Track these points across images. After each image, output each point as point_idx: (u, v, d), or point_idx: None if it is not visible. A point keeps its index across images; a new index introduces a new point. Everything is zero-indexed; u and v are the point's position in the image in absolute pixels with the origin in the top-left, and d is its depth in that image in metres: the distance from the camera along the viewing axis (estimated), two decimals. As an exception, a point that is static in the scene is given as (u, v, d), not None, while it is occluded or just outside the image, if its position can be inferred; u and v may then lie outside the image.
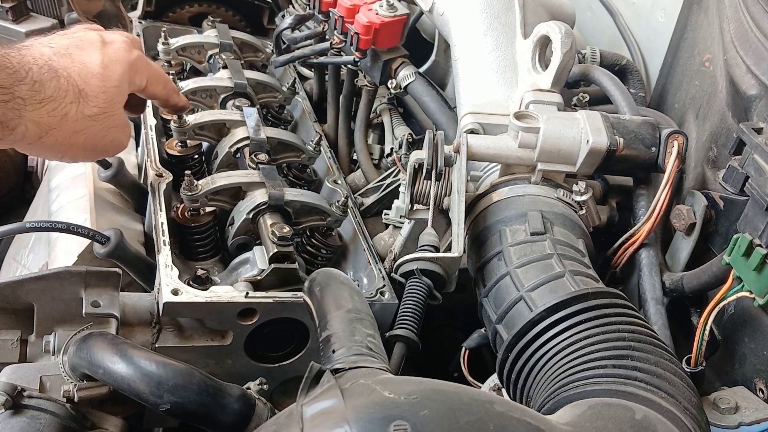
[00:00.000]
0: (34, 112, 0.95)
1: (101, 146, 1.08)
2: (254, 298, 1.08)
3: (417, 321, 1.01)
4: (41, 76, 0.96)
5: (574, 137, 1.10)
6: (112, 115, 1.07)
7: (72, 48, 1.04)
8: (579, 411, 0.75)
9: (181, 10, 1.99)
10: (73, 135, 1.01)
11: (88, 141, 1.04)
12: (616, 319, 0.87)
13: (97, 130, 1.05)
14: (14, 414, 0.88)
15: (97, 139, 1.06)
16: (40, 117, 0.96)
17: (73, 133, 1.01)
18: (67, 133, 1.00)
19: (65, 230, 1.13)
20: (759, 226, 0.98)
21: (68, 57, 1.02)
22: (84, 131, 1.02)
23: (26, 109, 0.94)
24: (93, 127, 1.03)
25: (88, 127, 1.03)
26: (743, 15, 1.13)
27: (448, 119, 1.41)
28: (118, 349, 0.92)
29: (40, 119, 0.96)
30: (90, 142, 1.05)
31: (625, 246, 1.14)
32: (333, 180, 1.49)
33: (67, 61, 1.01)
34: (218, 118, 1.43)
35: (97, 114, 1.03)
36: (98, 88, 1.03)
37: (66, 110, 0.99)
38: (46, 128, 0.97)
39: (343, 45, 1.54)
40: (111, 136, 1.09)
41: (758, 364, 1.01)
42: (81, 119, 1.01)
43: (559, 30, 1.17)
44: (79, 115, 1.01)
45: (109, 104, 1.05)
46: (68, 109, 0.99)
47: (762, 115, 1.05)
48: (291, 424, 0.66)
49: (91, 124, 1.03)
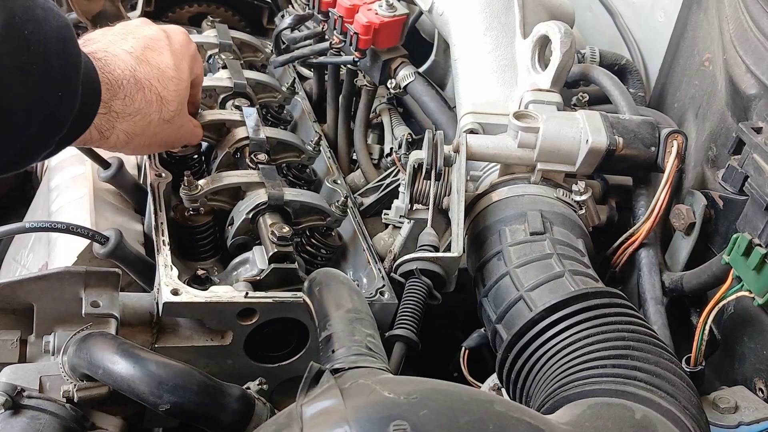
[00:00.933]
0: (125, 123, 1.05)
1: (173, 141, 1.21)
2: (254, 298, 1.08)
3: (417, 321, 1.01)
4: (130, 90, 1.05)
5: (573, 137, 1.10)
6: (182, 114, 1.18)
7: (147, 51, 1.12)
8: (579, 411, 0.75)
9: (181, 10, 1.99)
10: (154, 137, 1.13)
11: (164, 140, 1.17)
12: (615, 319, 0.87)
13: (172, 130, 1.16)
14: (14, 414, 0.88)
15: (171, 137, 1.19)
16: (129, 127, 1.07)
17: (153, 136, 1.13)
18: (149, 137, 1.12)
19: (65, 230, 1.13)
20: (758, 226, 0.98)
21: (147, 63, 1.10)
22: (161, 133, 1.14)
23: (118, 120, 1.04)
24: (169, 128, 1.15)
25: (164, 129, 1.14)
26: (743, 15, 1.13)
27: (448, 119, 1.41)
28: (118, 349, 0.92)
29: (129, 129, 1.07)
30: (164, 140, 1.17)
31: (625, 246, 1.14)
32: (332, 180, 1.49)
33: (147, 69, 1.09)
34: (218, 118, 1.43)
35: (172, 117, 1.14)
36: (174, 92, 1.13)
37: (150, 119, 1.09)
38: (132, 135, 1.08)
39: (343, 45, 1.54)
40: (180, 133, 1.21)
41: (758, 364, 1.01)
42: (160, 124, 1.12)
43: (558, 30, 1.17)
44: (160, 121, 1.12)
45: (181, 105, 1.16)
46: (152, 118, 1.10)
47: (761, 115, 1.05)
48: (290, 424, 0.66)
49: (167, 126, 1.14)
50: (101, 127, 1.02)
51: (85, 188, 1.37)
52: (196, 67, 1.24)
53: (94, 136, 1.02)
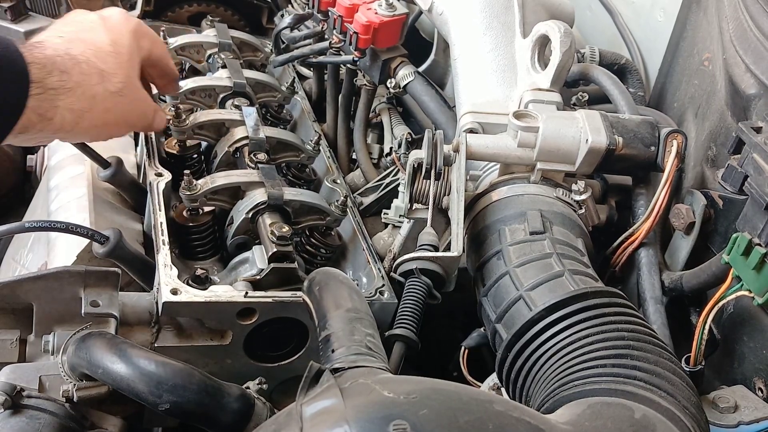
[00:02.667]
0: (67, 99, 1.00)
1: (132, 119, 1.15)
2: (253, 298, 1.08)
3: (416, 320, 1.01)
4: (65, 65, 1.01)
5: (573, 136, 1.10)
6: (133, 88, 1.13)
7: (80, 33, 1.09)
8: (578, 410, 0.75)
9: (180, 10, 1.99)
10: (105, 114, 1.07)
11: (119, 116, 1.11)
12: (615, 319, 0.87)
13: (125, 104, 1.11)
14: (13, 414, 0.88)
15: (126, 113, 1.12)
16: (72, 103, 1.01)
17: (104, 112, 1.07)
18: (100, 113, 1.06)
19: (64, 230, 1.13)
20: (758, 225, 0.98)
21: (81, 42, 1.07)
22: (113, 108, 1.08)
23: (59, 98, 0.99)
24: (120, 102, 1.09)
25: (116, 104, 1.08)
26: (742, 14, 1.13)
27: (448, 119, 1.41)
28: (118, 349, 0.92)
29: (73, 105, 1.01)
30: (121, 117, 1.11)
31: (625, 245, 1.14)
32: (332, 179, 1.49)
33: (81, 47, 1.06)
34: (217, 117, 1.43)
35: (120, 89, 1.09)
36: (115, 65, 1.09)
37: (94, 91, 1.04)
38: (80, 113, 1.03)
39: (342, 44, 1.54)
40: (138, 109, 1.15)
41: (757, 363, 1.01)
42: (108, 97, 1.07)
43: (558, 29, 1.17)
44: (106, 94, 1.06)
45: (128, 77, 1.11)
46: (95, 90, 1.05)
47: (761, 114, 1.05)
48: (290, 423, 0.66)
49: (119, 99, 1.09)
50: (41, 108, 0.97)
51: (85, 188, 1.37)
52: (145, 42, 1.19)
53: (34, 120, 0.97)
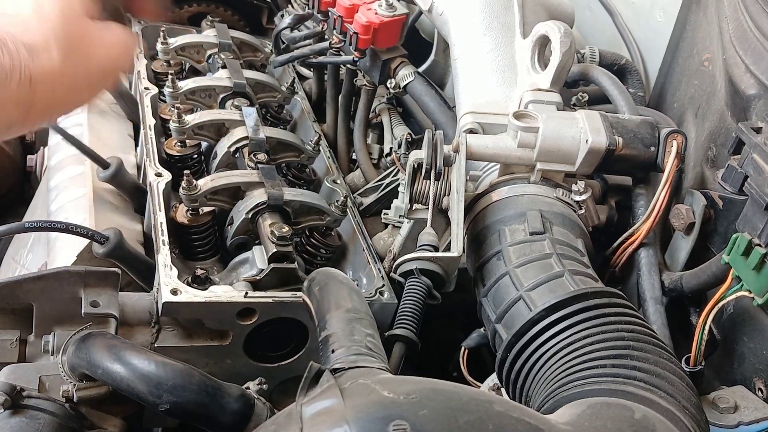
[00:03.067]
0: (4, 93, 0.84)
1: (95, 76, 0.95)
2: (253, 298, 1.08)
3: (416, 321, 1.01)
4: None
5: (573, 137, 1.10)
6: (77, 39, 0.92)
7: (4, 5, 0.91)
8: (578, 410, 0.75)
9: (180, 10, 1.99)
10: (53, 92, 0.89)
11: (78, 79, 0.91)
12: (615, 319, 0.87)
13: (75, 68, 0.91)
14: (13, 414, 0.88)
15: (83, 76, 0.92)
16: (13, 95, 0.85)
17: (52, 91, 0.88)
18: (47, 95, 0.88)
19: (64, 230, 1.13)
20: (758, 226, 0.98)
21: (3, 17, 0.88)
22: (61, 81, 0.89)
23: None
24: (67, 70, 0.89)
25: (62, 75, 0.89)
26: (742, 14, 1.13)
27: (448, 119, 1.41)
28: (117, 349, 0.92)
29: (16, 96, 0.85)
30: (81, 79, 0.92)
31: (625, 245, 1.14)
32: (332, 180, 1.49)
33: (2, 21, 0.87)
34: (217, 117, 1.43)
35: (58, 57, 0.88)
36: (38, 30, 0.88)
37: (29, 73, 0.85)
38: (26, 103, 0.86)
39: (342, 45, 1.54)
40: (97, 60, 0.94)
41: (757, 364, 1.01)
42: (49, 73, 0.87)
43: (558, 29, 1.17)
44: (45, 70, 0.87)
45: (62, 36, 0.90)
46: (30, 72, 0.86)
47: (761, 115, 1.05)
48: (290, 423, 0.66)
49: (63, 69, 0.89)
50: None
51: (85, 188, 1.37)
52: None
53: None
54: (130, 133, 1.62)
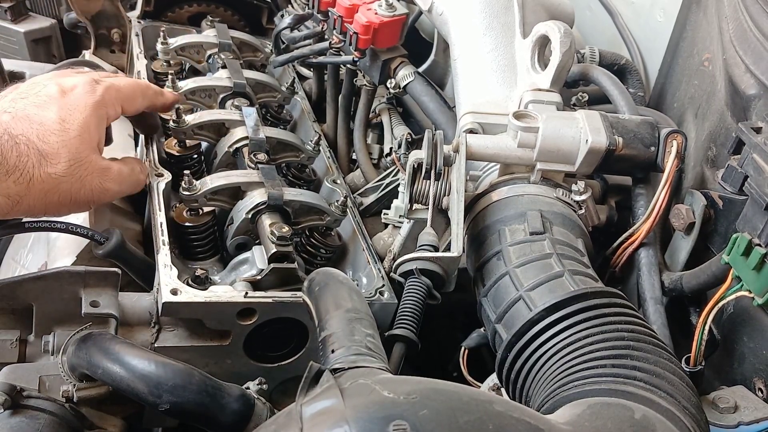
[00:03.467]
0: (2, 185, 0.95)
1: (82, 198, 1.06)
2: (253, 298, 1.08)
3: (416, 321, 1.01)
4: (2, 146, 0.96)
5: (573, 137, 1.10)
6: (82, 164, 1.04)
7: (30, 108, 1.03)
8: (578, 410, 0.75)
9: (180, 10, 1.99)
10: (45, 195, 1.00)
11: (64, 196, 1.03)
12: (615, 319, 0.87)
13: (70, 184, 1.03)
14: (13, 414, 0.88)
15: (74, 192, 1.04)
16: (8, 189, 0.96)
17: (44, 194, 1.00)
18: (38, 196, 1.00)
19: (64, 230, 1.13)
20: (758, 226, 0.98)
21: (26, 120, 1.01)
22: (55, 189, 1.01)
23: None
24: (63, 183, 1.02)
25: (57, 185, 1.01)
26: (742, 14, 1.13)
27: (448, 119, 1.41)
28: (117, 349, 0.92)
29: (8, 190, 0.96)
30: (66, 197, 1.03)
31: (625, 245, 1.14)
32: (332, 180, 1.49)
33: (24, 125, 1.00)
34: (217, 117, 1.43)
35: (63, 170, 1.01)
36: (58, 144, 1.02)
37: (30, 175, 0.98)
38: (16, 198, 0.97)
39: (342, 45, 1.54)
40: (89, 185, 1.06)
41: (757, 364, 1.01)
42: (47, 179, 1.00)
43: (558, 29, 1.17)
44: (45, 176, 0.99)
45: (74, 155, 1.03)
46: (32, 173, 0.98)
47: (761, 115, 1.05)
48: (290, 423, 0.66)
49: (60, 180, 1.01)
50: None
51: (85, 188, 1.37)
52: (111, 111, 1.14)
53: None
54: (130, 133, 1.62)
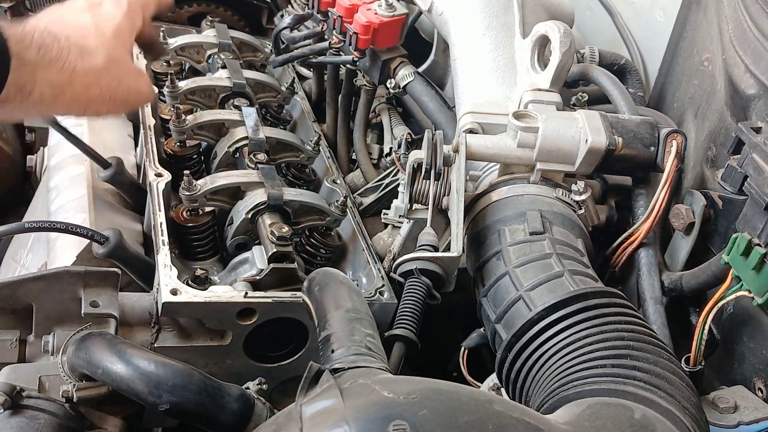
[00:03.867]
0: (45, 73, 0.99)
1: (120, 95, 1.11)
2: (253, 298, 1.08)
3: (416, 321, 1.01)
4: (44, 40, 1.00)
5: (573, 137, 1.10)
6: (118, 63, 1.10)
7: (65, 15, 1.09)
8: (578, 410, 0.75)
9: (180, 10, 1.99)
10: (87, 89, 1.06)
11: (105, 92, 1.08)
12: (615, 319, 0.87)
13: (110, 80, 1.08)
14: (13, 414, 0.88)
15: (113, 89, 1.09)
16: (51, 77, 1.00)
17: (86, 87, 1.05)
18: (81, 88, 1.05)
19: (64, 230, 1.13)
20: (758, 226, 0.98)
21: (62, 23, 1.06)
22: (96, 83, 1.07)
23: (37, 72, 0.99)
24: (103, 78, 1.07)
25: (99, 79, 1.07)
26: (742, 14, 1.13)
27: (447, 119, 1.41)
28: (117, 349, 0.92)
29: (52, 79, 1.01)
30: (106, 93, 1.09)
31: (624, 245, 1.14)
32: (332, 180, 1.49)
33: (62, 26, 1.05)
34: (217, 117, 1.43)
35: (102, 65, 1.07)
36: (96, 43, 1.08)
37: (73, 65, 1.03)
38: (59, 87, 1.02)
39: (342, 45, 1.54)
40: (126, 84, 1.12)
41: (757, 364, 1.01)
42: (89, 72, 1.05)
43: (557, 29, 1.17)
44: (87, 68, 1.05)
45: (112, 55, 1.09)
46: (74, 65, 1.03)
47: (761, 115, 1.05)
48: (290, 423, 0.66)
49: (101, 75, 1.07)
50: (20, 81, 0.98)
51: (84, 188, 1.37)
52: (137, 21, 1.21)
53: (12, 93, 0.97)
54: (130, 133, 1.62)
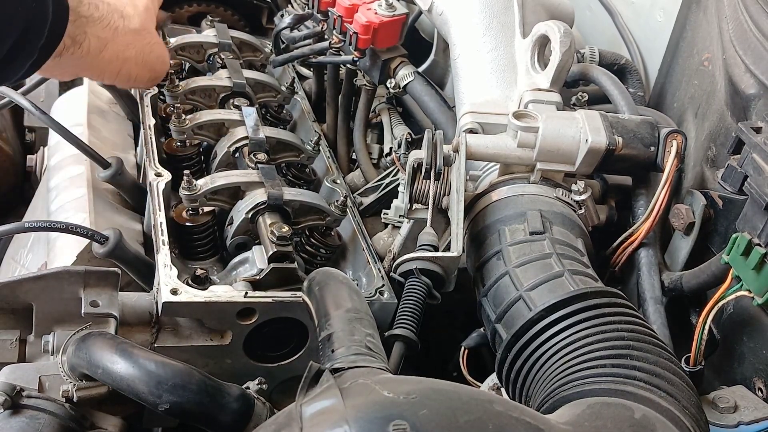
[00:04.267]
0: (94, 27, 1.14)
1: (150, 60, 1.28)
2: (253, 298, 1.08)
3: (416, 320, 1.01)
4: (90, 2, 1.14)
5: (573, 137, 1.10)
6: (150, 32, 1.28)
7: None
8: (578, 410, 0.75)
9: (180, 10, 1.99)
10: (126, 48, 1.22)
11: (139, 54, 1.25)
12: (615, 319, 0.87)
13: (143, 44, 1.25)
14: (13, 414, 0.88)
15: (146, 53, 1.26)
16: (99, 31, 1.15)
17: (125, 46, 1.22)
18: (121, 46, 1.21)
19: (64, 230, 1.13)
20: (758, 225, 0.98)
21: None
22: (133, 44, 1.23)
23: (88, 26, 1.13)
24: (139, 40, 1.24)
25: (135, 41, 1.23)
26: (742, 14, 1.13)
27: (447, 119, 1.41)
28: (117, 349, 0.92)
29: (99, 33, 1.15)
30: (140, 55, 1.25)
31: (624, 245, 1.14)
32: (332, 179, 1.49)
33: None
34: (217, 117, 1.43)
35: (139, 29, 1.24)
36: (132, 13, 1.24)
37: (116, 24, 1.19)
38: (104, 41, 1.17)
39: (342, 44, 1.54)
40: (156, 51, 1.29)
41: (757, 363, 1.01)
42: (128, 33, 1.22)
43: (558, 29, 1.17)
44: (127, 29, 1.21)
45: (144, 25, 1.26)
46: (117, 24, 1.19)
47: (761, 115, 1.05)
48: (290, 423, 0.66)
49: (137, 38, 1.24)
50: (73, 33, 1.10)
51: (84, 188, 1.37)
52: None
53: (68, 44, 1.09)
54: (130, 133, 1.62)
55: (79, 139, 1.35)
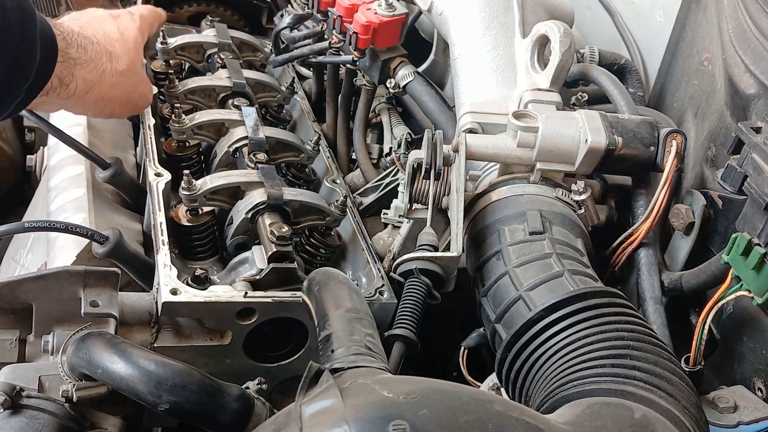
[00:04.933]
0: (82, 70, 1.14)
1: (133, 99, 1.29)
2: (253, 298, 1.08)
3: (416, 320, 1.01)
4: (82, 41, 1.16)
5: (572, 136, 1.10)
6: (136, 72, 1.29)
7: (92, 21, 1.27)
8: (578, 410, 0.75)
9: (180, 10, 1.99)
10: (111, 89, 1.22)
11: (123, 94, 1.25)
12: (614, 319, 0.87)
13: (129, 84, 1.26)
14: (13, 414, 0.88)
15: (130, 92, 1.27)
16: (86, 74, 1.16)
17: (111, 88, 1.22)
18: (107, 88, 1.21)
19: (64, 230, 1.13)
20: (757, 225, 0.98)
21: (92, 28, 1.23)
22: (119, 86, 1.23)
23: (76, 68, 1.13)
24: (125, 82, 1.25)
25: (121, 82, 1.24)
26: (742, 14, 1.13)
27: (447, 119, 1.41)
28: (117, 349, 0.92)
29: (86, 76, 1.16)
30: (124, 95, 1.25)
31: (624, 245, 1.14)
32: (332, 179, 1.49)
33: (93, 31, 1.22)
34: (217, 117, 1.43)
35: (126, 70, 1.24)
36: (121, 50, 1.25)
37: (103, 68, 1.20)
38: (90, 84, 1.17)
39: (342, 44, 1.54)
40: (139, 90, 1.30)
41: (757, 363, 1.01)
42: (115, 75, 1.22)
43: (557, 29, 1.17)
44: (114, 72, 1.22)
45: (131, 63, 1.26)
46: (105, 67, 1.20)
47: (760, 115, 1.05)
48: (290, 423, 0.66)
49: (123, 79, 1.24)
50: (61, 74, 1.10)
51: (84, 188, 1.37)
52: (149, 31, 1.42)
53: (55, 84, 1.09)
54: (129, 133, 1.62)
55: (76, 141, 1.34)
